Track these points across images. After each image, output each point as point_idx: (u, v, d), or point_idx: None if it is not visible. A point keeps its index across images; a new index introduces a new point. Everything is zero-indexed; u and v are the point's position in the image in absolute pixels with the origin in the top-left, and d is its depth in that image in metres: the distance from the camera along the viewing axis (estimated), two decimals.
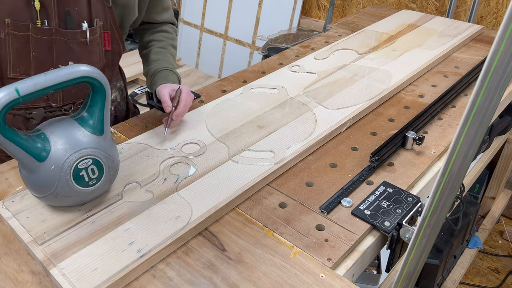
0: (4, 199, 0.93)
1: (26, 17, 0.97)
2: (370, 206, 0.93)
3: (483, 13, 2.26)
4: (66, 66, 0.80)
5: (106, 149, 0.87)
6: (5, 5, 0.94)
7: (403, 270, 0.73)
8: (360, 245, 0.88)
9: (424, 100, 1.35)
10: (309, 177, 1.03)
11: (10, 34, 0.96)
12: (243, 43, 3.08)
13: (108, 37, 1.10)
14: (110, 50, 1.13)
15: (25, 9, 0.96)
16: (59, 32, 1.00)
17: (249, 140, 1.13)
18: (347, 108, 1.25)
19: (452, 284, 1.80)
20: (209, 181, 0.99)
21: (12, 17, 0.95)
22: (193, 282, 0.79)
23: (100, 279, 0.76)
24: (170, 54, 1.25)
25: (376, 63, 1.53)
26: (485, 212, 2.30)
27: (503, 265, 2.20)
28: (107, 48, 1.11)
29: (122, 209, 0.91)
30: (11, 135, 0.78)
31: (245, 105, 1.29)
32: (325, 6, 2.85)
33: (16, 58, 1.00)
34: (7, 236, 0.88)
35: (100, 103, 0.86)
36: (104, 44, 1.10)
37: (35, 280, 0.79)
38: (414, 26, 1.85)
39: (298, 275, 0.80)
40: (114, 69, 1.22)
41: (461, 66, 1.57)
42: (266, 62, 1.61)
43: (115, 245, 0.83)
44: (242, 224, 0.91)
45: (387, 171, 1.06)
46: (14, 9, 0.95)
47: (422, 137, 1.10)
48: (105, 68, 1.15)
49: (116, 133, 1.19)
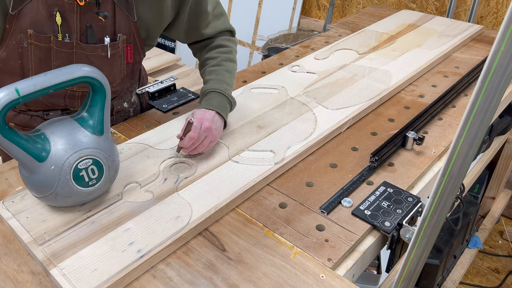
0: (4, 199, 0.93)
1: (48, 30, 0.97)
2: (370, 206, 0.93)
3: (483, 13, 2.26)
4: (66, 66, 0.80)
5: (106, 149, 0.87)
6: (28, 17, 0.94)
7: (403, 270, 0.73)
8: (360, 245, 0.88)
9: (424, 100, 1.35)
10: (309, 177, 1.03)
11: (33, 44, 0.97)
12: (243, 43, 3.08)
13: (131, 50, 1.09)
14: (131, 62, 1.12)
15: (47, 22, 0.96)
16: (79, 46, 1.00)
17: (249, 140, 1.13)
18: (347, 108, 1.25)
19: (452, 284, 1.80)
20: (209, 181, 0.99)
21: (35, 29, 0.96)
22: (193, 282, 0.79)
23: (100, 279, 0.76)
24: (226, 71, 1.15)
25: (376, 63, 1.53)
26: (485, 212, 2.30)
27: (503, 265, 2.20)
28: (128, 61, 1.11)
29: (122, 209, 0.91)
30: (11, 135, 0.78)
31: (245, 105, 1.29)
32: (325, 6, 2.85)
33: (38, 67, 1.01)
34: (7, 236, 0.88)
35: (100, 103, 0.86)
36: (127, 57, 1.09)
37: (35, 280, 0.79)
38: (414, 26, 1.85)
39: (298, 275, 0.80)
40: (134, 77, 1.20)
41: (461, 66, 1.56)
42: (266, 62, 1.61)
43: (115, 245, 0.83)
44: (242, 224, 0.91)
45: (387, 171, 1.06)
46: (37, 21, 0.95)
47: (422, 137, 1.10)
48: (125, 78, 1.15)
49: (116, 133, 1.19)
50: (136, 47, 1.10)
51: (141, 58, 1.16)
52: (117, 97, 1.21)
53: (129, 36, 1.06)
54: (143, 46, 1.12)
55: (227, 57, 1.17)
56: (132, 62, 1.13)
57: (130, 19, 1.04)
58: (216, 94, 1.09)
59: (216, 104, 1.07)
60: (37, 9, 0.94)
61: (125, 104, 1.25)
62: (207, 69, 1.16)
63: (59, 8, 0.95)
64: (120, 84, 1.14)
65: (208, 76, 1.14)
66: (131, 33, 1.06)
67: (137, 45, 1.10)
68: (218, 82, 1.11)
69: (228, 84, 1.13)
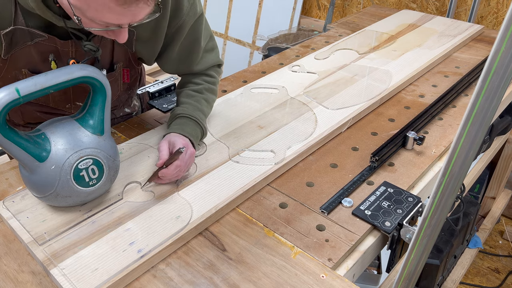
0: (4, 199, 0.93)
1: (42, 70, 0.96)
2: (371, 206, 0.93)
3: (483, 13, 2.25)
4: (66, 66, 0.80)
5: (106, 149, 0.87)
6: (21, 59, 0.93)
7: (403, 270, 0.73)
8: (360, 245, 0.88)
9: (425, 100, 1.35)
10: (310, 177, 1.03)
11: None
12: (243, 43, 3.08)
13: (127, 72, 1.08)
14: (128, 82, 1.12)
15: (41, 65, 0.95)
16: None
17: (249, 140, 1.13)
18: (348, 108, 1.25)
19: (452, 284, 1.80)
20: (210, 181, 0.99)
21: (29, 69, 0.95)
22: (194, 282, 0.79)
23: (100, 279, 0.76)
24: (205, 100, 1.10)
25: (377, 63, 1.53)
26: (485, 212, 2.30)
27: (503, 265, 2.20)
28: (125, 81, 1.10)
29: (122, 209, 0.91)
30: (11, 135, 0.78)
31: (245, 105, 1.29)
32: (325, 6, 2.85)
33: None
34: (7, 236, 0.88)
35: (101, 103, 0.86)
36: (123, 78, 1.09)
37: (35, 280, 0.79)
38: (414, 26, 1.85)
39: (299, 275, 0.80)
40: (132, 87, 1.19)
41: (462, 66, 1.56)
42: (266, 62, 1.61)
43: (116, 245, 0.83)
44: (242, 224, 0.91)
45: (387, 171, 1.06)
46: (31, 63, 0.95)
47: (423, 137, 1.10)
48: (122, 94, 1.15)
49: (116, 133, 1.19)
50: (133, 69, 1.11)
51: (137, 73, 1.15)
52: (117, 107, 1.22)
53: (126, 61, 1.06)
54: (139, 65, 1.12)
55: (209, 88, 1.12)
56: (128, 82, 1.13)
57: (128, 51, 1.04)
58: (191, 121, 1.04)
59: (190, 131, 1.02)
60: (29, 53, 0.93)
61: (127, 110, 1.26)
62: (186, 91, 1.10)
63: (54, 54, 0.93)
64: (118, 100, 1.16)
65: (185, 99, 1.08)
66: (127, 59, 1.06)
67: (134, 68, 1.10)
68: (195, 109, 1.06)
69: (204, 114, 1.08)
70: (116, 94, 1.12)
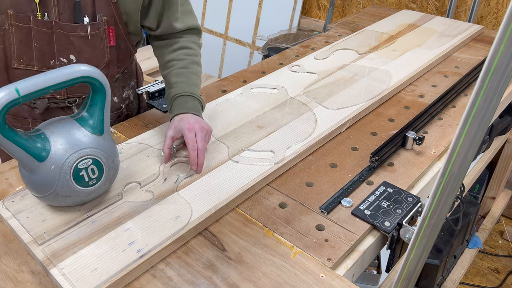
0: (4, 199, 0.93)
1: (27, 9, 0.99)
2: (370, 206, 0.93)
3: (483, 13, 2.26)
4: (66, 66, 0.80)
5: (106, 149, 0.87)
6: None
7: (403, 270, 0.73)
8: (360, 245, 0.88)
9: (424, 100, 1.35)
10: (309, 177, 1.03)
11: (14, 25, 1.00)
12: (243, 43, 3.08)
13: (113, 32, 1.08)
14: (114, 46, 1.11)
15: (26, 1, 0.98)
16: (58, 25, 1.01)
17: (249, 140, 1.13)
18: (347, 108, 1.25)
19: (452, 284, 1.80)
20: (209, 181, 0.99)
21: (14, 9, 0.99)
22: (193, 282, 0.79)
23: (100, 279, 0.76)
24: (194, 73, 1.14)
25: (376, 63, 1.53)
26: (485, 212, 2.30)
27: (503, 265, 2.20)
28: (111, 44, 1.10)
29: (122, 209, 0.91)
30: (11, 135, 0.78)
31: (245, 105, 1.29)
32: (325, 6, 2.85)
33: (20, 49, 1.03)
34: (7, 236, 0.88)
35: (100, 103, 0.86)
36: (109, 39, 1.09)
37: (35, 280, 0.79)
38: (414, 26, 1.85)
39: (298, 275, 0.80)
40: (121, 65, 1.19)
41: (461, 66, 1.56)
42: (266, 62, 1.61)
43: (115, 245, 0.83)
44: (242, 224, 0.91)
45: (387, 171, 1.06)
46: (16, 0, 0.98)
47: (422, 137, 1.10)
48: (110, 64, 1.13)
49: (116, 133, 1.19)
50: (119, 31, 1.10)
51: (128, 47, 1.15)
52: None
53: (110, 18, 1.06)
54: (126, 31, 1.12)
55: (193, 60, 1.16)
56: (115, 46, 1.11)
57: (110, 1, 1.04)
58: (188, 97, 1.08)
59: (190, 107, 1.07)
60: None
61: (115, 99, 1.24)
62: (173, 71, 1.13)
63: None
64: (105, 69, 1.13)
65: (176, 79, 1.12)
66: (111, 15, 1.06)
67: (120, 29, 1.09)
68: (188, 85, 1.10)
69: (197, 87, 1.12)
70: (103, 60, 1.10)
